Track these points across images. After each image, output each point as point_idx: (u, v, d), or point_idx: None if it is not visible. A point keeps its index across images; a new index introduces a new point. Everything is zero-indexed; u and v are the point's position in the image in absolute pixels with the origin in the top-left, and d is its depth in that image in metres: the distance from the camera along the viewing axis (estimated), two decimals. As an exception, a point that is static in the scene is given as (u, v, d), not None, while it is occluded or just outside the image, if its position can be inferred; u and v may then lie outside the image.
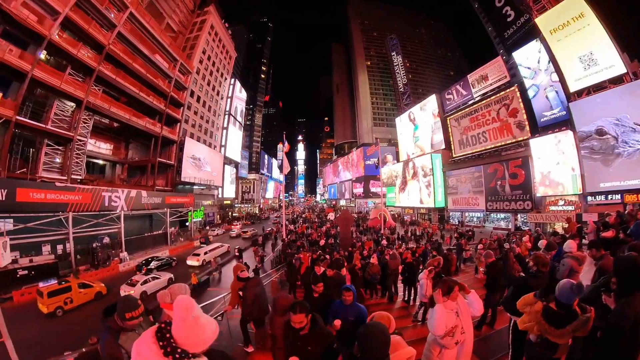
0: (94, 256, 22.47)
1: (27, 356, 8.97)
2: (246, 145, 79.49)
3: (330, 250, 17.46)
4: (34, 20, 18.72)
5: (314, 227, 35.53)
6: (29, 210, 18.51)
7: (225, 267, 22.02)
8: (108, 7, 25.06)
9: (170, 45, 34.84)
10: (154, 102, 33.02)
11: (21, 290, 15.75)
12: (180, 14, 42.54)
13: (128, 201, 26.97)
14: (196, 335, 1.44)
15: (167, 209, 32.14)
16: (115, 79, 27.06)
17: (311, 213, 63.09)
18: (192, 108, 42.57)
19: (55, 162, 23.08)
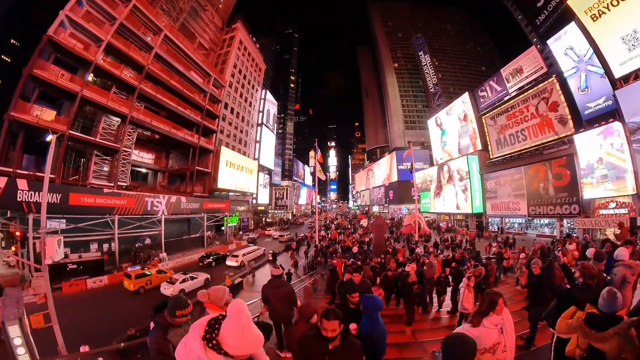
0: (135, 255, 24.31)
1: (122, 321, 11.24)
2: (279, 153, 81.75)
3: (363, 257, 16.95)
4: (80, 48, 21.40)
5: (346, 233, 34.94)
6: (80, 213, 20.71)
7: (259, 271, 22.42)
8: (144, 31, 27.76)
9: (203, 62, 37.42)
10: (191, 115, 35.32)
11: (70, 282, 17.53)
12: (210, 33, 45.69)
13: (168, 206, 28.87)
14: (241, 339, 1.50)
15: (204, 213, 33.79)
16: (155, 95, 29.59)
17: (344, 219, 62.46)
18: (226, 119, 44.96)
19: (104, 171, 25.71)
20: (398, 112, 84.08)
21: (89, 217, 21.16)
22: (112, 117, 26.18)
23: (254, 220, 53.89)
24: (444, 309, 8.68)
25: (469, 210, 39.19)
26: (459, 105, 43.63)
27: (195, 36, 41.83)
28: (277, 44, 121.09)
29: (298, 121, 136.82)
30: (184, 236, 31.89)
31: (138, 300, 16.48)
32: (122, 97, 26.60)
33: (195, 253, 28.39)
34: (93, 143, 24.15)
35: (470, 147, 41.07)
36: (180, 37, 33.13)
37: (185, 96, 34.12)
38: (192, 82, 35.88)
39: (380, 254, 16.62)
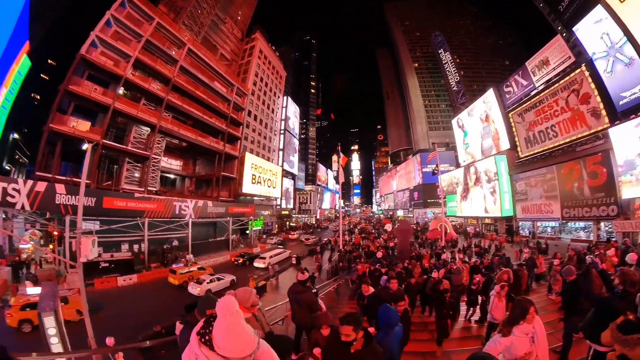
0: (164, 256, 25.51)
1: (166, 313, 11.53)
2: (302, 158, 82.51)
3: (388, 262, 16.42)
4: (111, 64, 23.34)
5: (370, 238, 34.42)
6: (112, 215, 22.15)
7: (282, 274, 22.52)
8: (169, 46, 29.67)
9: (226, 72, 39.08)
10: (216, 123, 36.90)
11: (102, 279, 18.76)
12: (231, 44, 47.71)
13: (195, 210, 30.05)
14: (226, 339, 1.44)
15: (230, 217, 34.71)
16: (181, 105, 31.35)
17: (368, 224, 61.39)
18: (250, 126, 46.36)
19: (135, 177, 27.53)
20: (421, 113, 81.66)
21: (121, 220, 22.56)
22: (142, 127, 28.07)
23: (278, 224, 54.65)
24: (472, 317, 8.20)
25: (498, 214, 36.92)
26: (480, 105, 41.92)
27: (217, 48, 43.91)
28: (296, 51, 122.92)
29: (320, 126, 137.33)
30: (210, 239, 32.95)
31: (182, 293, 17.78)
32: (151, 108, 28.48)
33: (220, 255, 29.27)
34: (125, 151, 26.03)
35: (493, 149, 39.22)
36: (203, 50, 34.96)
37: (210, 105, 35.72)
38: (216, 91, 37.52)
39: (405, 259, 16.10)
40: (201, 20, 38.26)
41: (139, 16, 27.37)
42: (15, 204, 15.23)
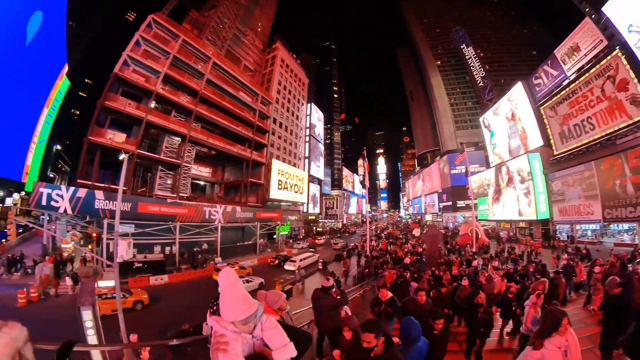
0: (194, 258, 26.67)
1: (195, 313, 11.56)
2: (328, 163, 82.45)
3: (416, 269, 16.03)
4: (142, 81, 25.36)
5: (398, 243, 33.65)
6: (146, 219, 23.72)
7: (309, 279, 22.74)
8: (195, 61, 31.57)
9: (250, 82, 40.64)
10: (243, 131, 38.29)
11: (135, 278, 20.02)
12: (254, 55, 49.55)
13: (224, 215, 31.17)
14: (229, 303, 1.67)
15: (258, 222, 35.55)
16: (209, 116, 32.99)
17: (395, 229, 59.49)
18: (276, 133, 47.54)
19: (167, 184, 29.34)
20: (447, 113, 78.07)
21: (155, 223, 24.10)
22: (173, 137, 29.94)
23: (305, 229, 54.93)
24: (504, 328, 7.55)
25: (533, 217, 34.44)
26: (505, 104, 40.12)
27: (240, 60, 45.91)
28: (317, 58, 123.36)
29: (345, 130, 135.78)
30: (237, 243, 33.92)
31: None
32: (181, 119, 30.33)
33: (247, 259, 29.91)
34: (158, 160, 27.92)
35: (521, 149, 37.20)
36: (227, 63, 36.74)
37: (236, 115, 37.19)
38: (241, 101, 39.03)
39: (434, 266, 15.67)
40: (223, 35, 40.37)
41: (166, 35, 29.51)
42: (58, 208, 17.00)
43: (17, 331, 1.35)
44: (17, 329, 1.37)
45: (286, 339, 1.77)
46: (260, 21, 53.77)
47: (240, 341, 1.69)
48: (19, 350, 1.35)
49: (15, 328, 1.36)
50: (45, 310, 12.58)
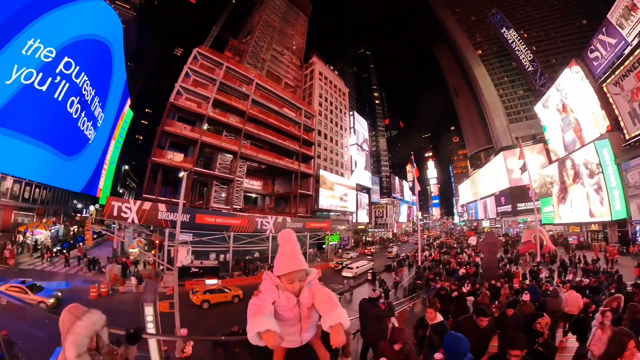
0: (246, 266, 28.07)
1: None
2: (375, 170, 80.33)
3: (472, 282, 14.66)
4: (194, 107, 28.59)
5: (452, 253, 31.53)
6: (203, 229, 25.94)
7: (357, 289, 22.42)
8: (239, 84, 34.51)
9: (292, 98, 42.60)
10: (290, 145, 39.94)
11: (191, 282, 21.72)
12: (293, 72, 51.63)
13: (275, 225, 32.41)
14: (281, 257, 1.76)
15: (307, 232, 36.01)
16: (257, 133, 35.33)
17: (449, 237, 54.11)
18: (321, 144, 48.45)
19: (222, 197, 31.85)
20: (496, 106, 70.45)
21: (210, 233, 26.21)
22: (225, 154, 32.68)
23: (354, 239, 53.84)
24: (568, 354, 6.10)
25: (607, 217, 28.91)
26: (554, 94, 36.18)
27: (280, 78, 48.34)
28: (353, 66, 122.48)
29: (390, 136, 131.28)
30: (288, 252, 34.65)
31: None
32: (232, 138, 32.99)
33: None
34: (213, 175, 30.70)
35: (576, 142, 33.12)
36: (268, 82, 39.30)
37: (282, 130, 39.07)
38: (286, 117, 40.90)
39: (492, 278, 14.12)
40: (262, 57, 43.35)
41: (210, 64, 32.86)
42: (127, 219, 19.76)
43: (97, 317, 1.62)
44: (97, 315, 1.63)
45: (337, 304, 1.64)
46: (294, 39, 56.35)
47: (278, 296, 1.67)
48: (97, 332, 1.62)
49: (96, 314, 1.63)
50: (112, 303, 14.50)
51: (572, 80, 33.97)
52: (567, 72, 34.62)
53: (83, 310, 1.61)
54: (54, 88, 11.99)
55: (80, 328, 1.51)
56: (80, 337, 1.48)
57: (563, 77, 35.21)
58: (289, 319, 1.71)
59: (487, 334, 4.08)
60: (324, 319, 1.56)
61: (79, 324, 1.52)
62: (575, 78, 33.46)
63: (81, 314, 1.57)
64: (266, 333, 1.39)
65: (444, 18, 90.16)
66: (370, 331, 4.98)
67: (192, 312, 16.67)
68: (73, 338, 1.47)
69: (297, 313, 1.71)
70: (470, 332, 3.81)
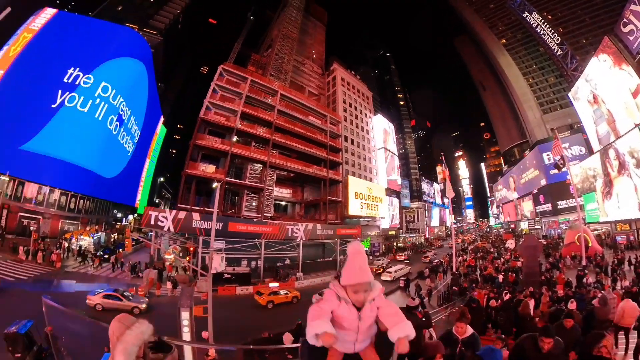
0: (277, 272, 28.17)
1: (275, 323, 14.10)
2: (404, 174, 77.27)
3: (511, 289, 13.27)
4: (223, 121, 29.89)
5: (488, 258, 29.24)
6: (235, 237, 26.63)
7: (389, 297, 21.84)
8: (265, 96, 35.64)
9: (316, 106, 43.02)
10: (317, 152, 40.16)
11: (224, 287, 22.33)
12: (315, 80, 52.31)
13: (306, 232, 32.46)
14: (349, 269, 1.81)
15: (338, 239, 35.73)
16: (285, 142, 36.02)
17: (485, 241, 49.82)
18: (348, 150, 48.06)
19: (253, 205, 32.60)
20: (527, 96, 65.00)
21: (242, 240, 26.80)
22: (255, 164, 33.64)
23: (385, 245, 52.15)
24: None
25: None
26: (584, 85, 33.86)
27: (304, 87, 49.25)
28: (374, 69, 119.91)
29: (417, 137, 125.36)
30: (318, 259, 34.41)
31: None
32: (261, 148, 33.91)
33: (327, 275, 29.92)
34: (243, 185, 31.66)
35: (610, 135, 30.55)
36: (292, 92, 40.14)
37: (309, 138, 39.50)
38: (312, 125, 41.31)
39: (533, 285, 13.10)
40: (284, 68, 44.35)
41: (236, 79, 34.32)
42: (163, 227, 20.86)
43: (145, 326, 1.70)
44: (145, 324, 1.72)
45: (404, 317, 1.73)
46: (314, 48, 57.31)
47: (337, 306, 1.76)
48: (145, 341, 1.71)
49: (144, 324, 1.72)
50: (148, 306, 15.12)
51: (600, 69, 31.19)
52: (594, 62, 31.93)
53: (132, 320, 1.67)
54: (94, 109, 13.11)
55: (130, 337, 1.57)
56: (131, 345, 1.54)
57: (591, 66, 32.48)
58: (347, 328, 1.77)
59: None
60: (391, 330, 1.66)
61: (128, 333, 1.57)
62: (603, 67, 30.66)
63: (130, 324, 1.63)
64: (323, 335, 1.56)
65: (462, 9, 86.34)
66: None
67: (259, 312, 18.15)
68: (123, 347, 1.52)
69: (357, 325, 1.77)
70: (532, 355, 3.31)
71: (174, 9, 74.78)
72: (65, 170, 11.42)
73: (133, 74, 14.27)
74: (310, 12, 60.89)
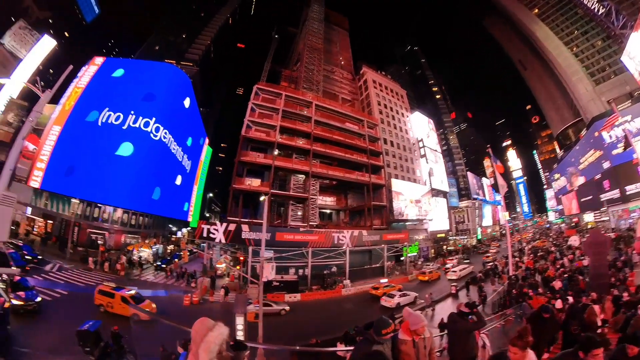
0: (324, 280, 27.78)
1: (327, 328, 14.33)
2: (450, 171, 71.35)
3: (576, 293, 11.22)
4: (264, 136, 30.94)
5: (550, 258, 25.50)
6: (283, 246, 27.10)
7: (439, 305, 20.70)
8: (300, 109, 36.33)
9: (352, 112, 42.54)
10: (357, 158, 39.38)
11: (272, 294, 22.67)
12: (347, 86, 51.64)
13: (352, 239, 31.85)
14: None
15: (384, 244, 34.42)
16: (324, 151, 36.07)
17: (545, 239, 42.69)
18: (389, 153, 46.34)
19: (298, 215, 32.90)
20: (574, 68, 55.98)
21: (289, 249, 27.13)
22: (298, 175, 34.11)
23: (434, 248, 48.50)
24: None
25: None
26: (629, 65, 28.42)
27: (336, 95, 49.00)
28: (405, 66, 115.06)
29: (460, 130, 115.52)
30: (365, 266, 33.33)
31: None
32: (302, 159, 34.34)
33: (375, 281, 28.79)
34: (288, 196, 32.23)
35: None
36: (326, 101, 40.28)
37: (348, 144, 39.08)
38: (349, 131, 40.83)
39: (602, 288, 11.11)
40: (315, 79, 44.63)
41: (271, 96, 35.49)
42: (215, 239, 21.93)
43: (224, 328, 1.91)
44: (223, 326, 1.93)
45: None
46: (341, 55, 56.87)
47: None
48: (224, 341, 1.90)
49: (223, 326, 1.93)
50: (202, 311, 15.83)
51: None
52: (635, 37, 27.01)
53: (212, 322, 1.88)
54: (150, 141, 14.19)
55: (212, 337, 1.78)
56: (213, 345, 1.75)
57: (632, 40, 28.08)
58: None
59: None
60: None
61: (211, 334, 1.78)
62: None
63: (212, 326, 1.83)
64: None
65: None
66: (458, 349, 4.50)
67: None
68: (206, 346, 1.72)
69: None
70: None
71: (204, 41, 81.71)
72: (125, 192, 12.92)
73: (178, 103, 15.58)
74: (331, 21, 60.96)
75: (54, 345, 9.81)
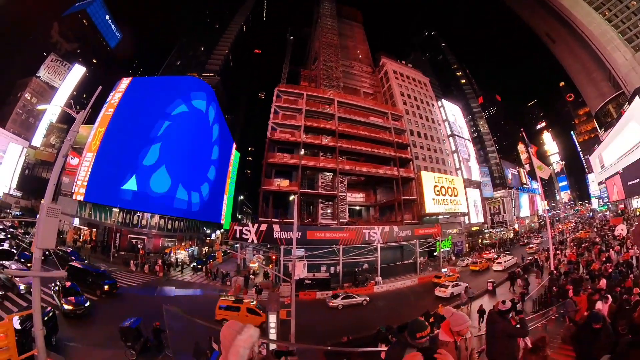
0: (355, 277, 27.09)
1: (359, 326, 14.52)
2: (482, 160, 66.20)
3: (622, 291, 9.79)
4: (289, 137, 30.83)
5: (594, 250, 22.87)
6: (314, 244, 27.00)
7: (476, 302, 19.30)
8: (323, 107, 35.95)
9: (375, 105, 41.32)
10: (385, 152, 38.21)
11: (304, 292, 22.51)
12: (367, 80, 49.90)
13: (383, 235, 30.87)
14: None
15: (416, 240, 32.75)
16: (350, 147, 35.43)
17: (589, 229, 37.71)
18: (417, 144, 44.22)
19: (328, 212, 32.64)
20: (608, 35, 48.77)
21: (320, 247, 26.90)
22: (325, 173, 33.82)
23: (469, 242, 45.48)
24: None
25: None
26: None
27: (357, 89, 47.55)
28: (424, 52, 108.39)
29: (489, 115, 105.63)
30: (397, 262, 32.11)
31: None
32: (328, 157, 34.00)
33: (407, 278, 28.04)
34: (317, 194, 32.12)
35: None
36: (348, 97, 39.44)
37: (374, 139, 38.01)
38: (374, 125, 39.66)
39: None
40: (335, 76, 43.64)
41: (292, 97, 35.39)
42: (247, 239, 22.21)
43: (253, 330, 1.87)
44: (253, 329, 1.88)
45: None
46: (357, 49, 55.11)
47: None
48: (254, 343, 1.87)
49: (252, 328, 1.88)
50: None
51: None
52: None
53: (240, 325, 1.80)
54: (180, 150, 14.59)
55: (241, 341, 1.69)
56: (242, 348, 1.66)
57: None
58: None
59: None
60: None
61: (240, 338, 1.69)
62: None
63: (240, 329, 1.76)
64: None
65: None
66: (497, 351, 4.16)
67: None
68: (236, 350, 1.65)
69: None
70: None
71: (222, 51, 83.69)
72: (161, 201, 13.82)
73: (204, 112, 16.10)
74: (344, 15, 59.29)
75: (99, 341, 10.47)
